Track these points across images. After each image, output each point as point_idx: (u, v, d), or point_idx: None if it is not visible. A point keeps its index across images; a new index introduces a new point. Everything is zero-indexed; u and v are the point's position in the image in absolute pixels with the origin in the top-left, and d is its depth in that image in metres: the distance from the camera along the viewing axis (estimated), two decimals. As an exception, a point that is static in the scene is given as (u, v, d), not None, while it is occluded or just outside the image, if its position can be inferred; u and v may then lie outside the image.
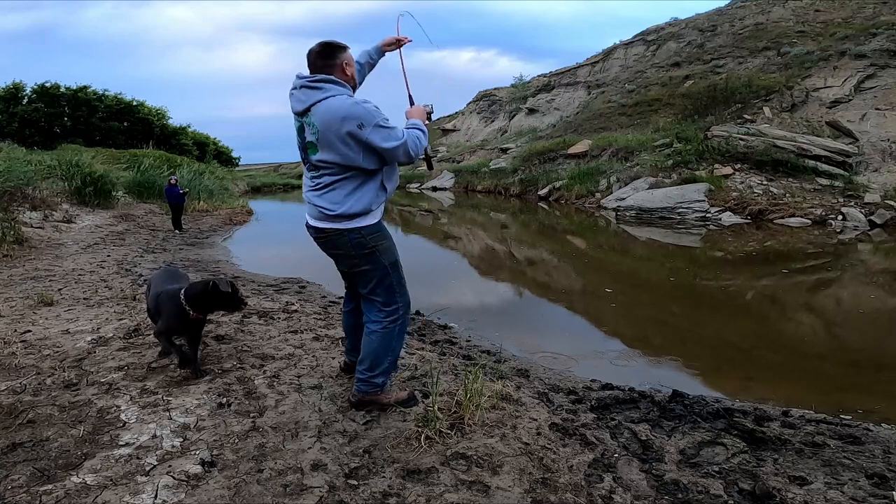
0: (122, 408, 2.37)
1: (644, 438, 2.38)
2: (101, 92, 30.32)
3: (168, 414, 2.33)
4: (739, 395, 3.27)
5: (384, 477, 1.92)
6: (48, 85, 29.00)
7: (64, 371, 2.78)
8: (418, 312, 4.81)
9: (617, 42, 31.09)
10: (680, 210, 12.38)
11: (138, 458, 1.96)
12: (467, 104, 40.19)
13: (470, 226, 14.00)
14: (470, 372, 2.57)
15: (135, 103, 31.63)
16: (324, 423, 2.28)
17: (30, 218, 9.04)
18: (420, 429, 2.17)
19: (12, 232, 7.47)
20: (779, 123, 15.07)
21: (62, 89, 29.29)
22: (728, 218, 11.76)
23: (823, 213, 11.27)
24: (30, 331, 3.51)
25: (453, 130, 38.08)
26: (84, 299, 4.59)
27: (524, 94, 33.81)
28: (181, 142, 33.01)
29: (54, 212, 10.11)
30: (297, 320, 4.04)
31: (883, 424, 2.71)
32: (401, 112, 2.35)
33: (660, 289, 6.69)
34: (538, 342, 4.38)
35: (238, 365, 2.95)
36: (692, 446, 2.34)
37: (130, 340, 3.30)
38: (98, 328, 3.57)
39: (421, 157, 2.30)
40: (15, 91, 28.45)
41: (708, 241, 9.93)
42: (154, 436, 2.13)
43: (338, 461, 2.00)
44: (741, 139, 13.87)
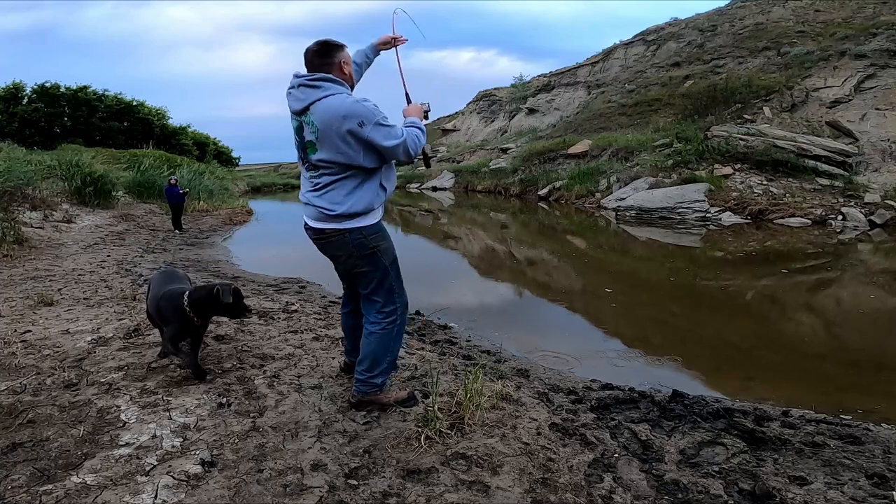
0: (122, 408, 2.37)
1: (644, 438, 2.38)
2: (101, 92, 30.34)
3: (168, 414, 2.33)
4: (739, 395, 3.27)
5: (384, 477, 1.92)
6: (48, 85, 29.01)
7: (64, 371, 2.78)
8: (418, 312, 4.81)
9: (617, 42, 31.11)
10: (680, 210, 12.38)
11: (138, 458, 1.96)
12: (467, 104, 40.22)
13: (470, 226, 13.99)
14: (470, 372, 2.57)
15: (135, 103, 31.64)
16: (324, 423, 2.28)
17: (30, 218, 9.04)
18: (420, 429, 2.17)
19: (12, 232, 7.47)
20: (779, 123, 15.07)
21: (62, 89, 29.29)
22: (728, 218, 11.76)
23: (823, 213, 11.27)
24: (30, 331, 3.51)
25: (453, 130, 38.09)
26: (84, 299, 4.59)
27: (524, 94, 33.82)
28: (181, 142, 33.01)
29: (54, 212, 10.11)
30: (297, 320, 4.04)
31: (883, 424, 2.71)
32: (398, 111, 2.35)
33: (660, 289, 6.69)
34: (538, 342, 4.38)
35: (238, 365, 2.95)
36: (692, 446, 2.34)
37: (130, 340, 3.30)
38: (98, 328, 3.57)
39: (419, 157, 2.30)
40: (15, 91, 28.45)
41: (708, 241, 9.93)
42: (154, 436, 2.13)
43: (338, 461, 2.00)
44: (741, 139, 13.87)
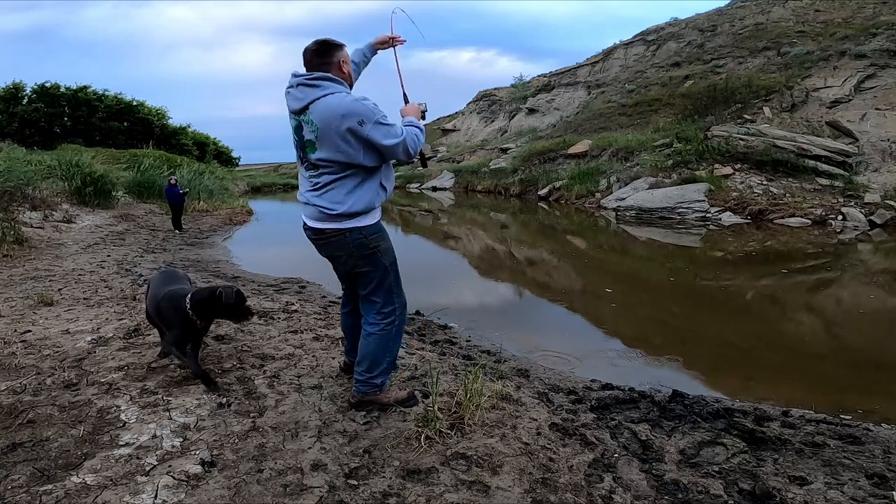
0: (122, 408, 2.37)
1: (644, 438, 2.38)
2: (101, 92, 30.34)
3: (168, 414, 2.33)
4: (739, 395, 3.27)
5: (384, 477, 1.92)
6: (48, 85, 29.01)
7: (64, 371, 2.78)
8: (418, 312, 4.81)
9: (617, 42, 31.10)
10: (680, 210, 12.38)
11: (138, 458, 1.96)
12: (467, 104, 40.20)
13: (470, 226, 13.99)
14: (470, 372, 2.57)
15: (135, 103, 31.64)
16: (324, 423, 2.28)
17: (30, 218, 9.04)
18: (420, 429, 2.17)
19: (12, 232, 7.47)
20: (779, 123, 15.07)
21: (62, 89, 29.30)
22: (728, 218, 11.76)
23: (823, 213, 11.27)
24: (30, 331, 3.51)
25: (453, 130, 38.09)
26: (84, 299, 4.59)
27: (524, 94, 33.82)
28: (181, 142, 33.02)
29: (54, 212, 10.11)
30: (297, 320, 4.04)
31: (883, 424, 2.71)
32: (396, 111, 2.35)
33: (660, 289, 6.69)
34: (538, 342, 4.38)
35: (238, 365, 2.95)
36: (692, 446, 2.34)
37: (130, 340, 3.30)
38: (98, 328, 3.57)
39: (416, 157, 2.30)
40: (15, 91, 28.45)
41: (708, 241, 9.93)
42: (154, 436, 2.13)
43: (338, 461, 2.00)
44: (741, 139, 13.87)
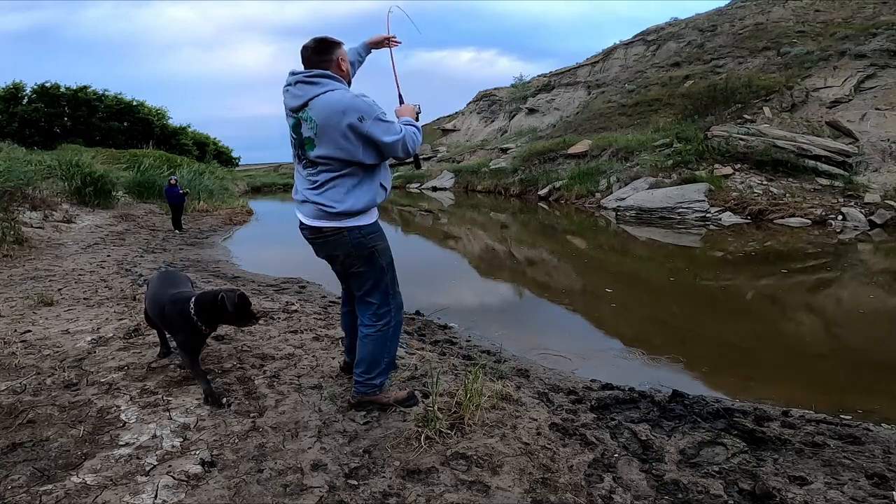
0: (122, 408, 2.37)
1: (644, 438, 2.38)
2: (101, 92, 30.35)
3: (168, 414, 2.33)
4: (739, 395, 3.27)
5: (384, 477, 1.92)
6: (48, 85, 29.02)
7: (64, 371, 2.78)
8: (418, 312, 4.81)
9: (617, 42, 31.09)
10: (680, 210, 12.38)
11: (138, 458, 1.96)
12: (467, 104, 40.18)
13: (470, 226, 13.99)
14: (470, 372, 2.57)
15: (135, 103, 31.65)
16: (324, 423, 2.28)
17: (30, 218, 9.04)
18: (420, 429, 2.17)
19: (12, 232, 7.47)
20: (779, 123, 15.07)
21: (62, 89, 29.31)
22: (728, 218, 11.76)
23: (823, 213, 11.27)
24: (30, 331, 3.51)
25: (453, 130, 38.08)
26: (84, 299, 4.58)
27: (524, 94, 33.81)
28: (181, 142, 33.02)
29: (54, 212, 10.11)
30: (297, 320, 4.04)
31: (883, 424, 2.71)
32: (390, 111, 2.35)
33: (660, 289, 6.69)
34: (538, 342, 4.38)
35: (238, 365, 2.95)
36: (692, 446, 2.34)
37: (130, 340, 3.30)
38: (98, 328, 3.57)
39: (412, 157, 2.30)
40: (15, 91, 28.46)
41: (708, 241, 9.93)
42: (154, 436, 2.13)
43: (338, 461, 2.00)
44: (741, 139, 13.87)
